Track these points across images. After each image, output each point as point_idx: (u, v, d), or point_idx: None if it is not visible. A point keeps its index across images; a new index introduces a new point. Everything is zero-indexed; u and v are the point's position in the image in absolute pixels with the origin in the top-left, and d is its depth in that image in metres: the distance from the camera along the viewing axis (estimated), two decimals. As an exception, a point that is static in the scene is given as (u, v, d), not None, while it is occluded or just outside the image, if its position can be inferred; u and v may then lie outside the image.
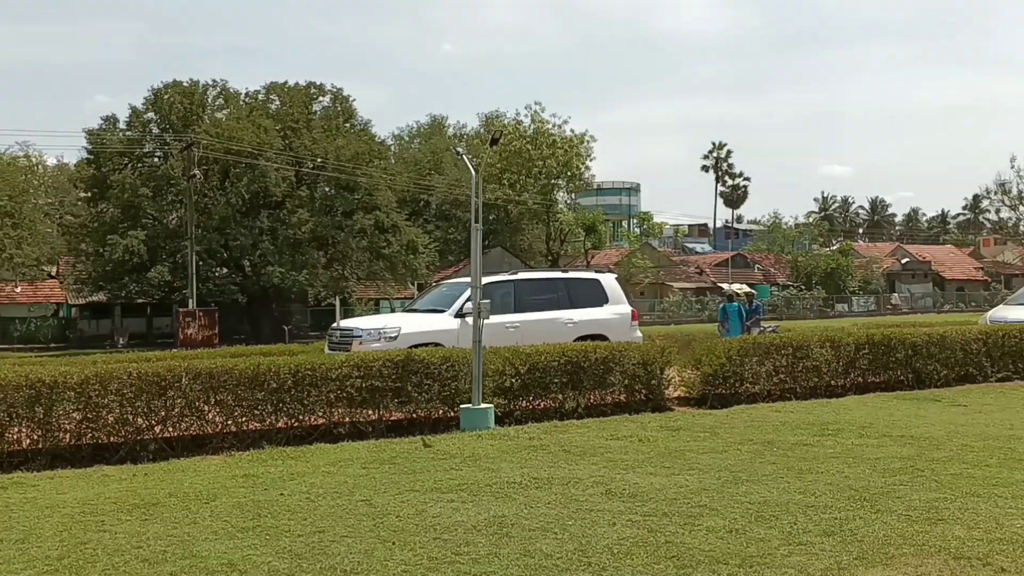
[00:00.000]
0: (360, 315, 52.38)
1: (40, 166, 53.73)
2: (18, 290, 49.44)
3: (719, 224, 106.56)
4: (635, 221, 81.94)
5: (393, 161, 55.19)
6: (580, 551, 5.49)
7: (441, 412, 10.98)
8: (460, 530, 6.00)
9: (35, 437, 9.11)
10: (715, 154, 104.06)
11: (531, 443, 9.36)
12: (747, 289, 26.14)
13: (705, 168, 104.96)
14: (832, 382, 13.53)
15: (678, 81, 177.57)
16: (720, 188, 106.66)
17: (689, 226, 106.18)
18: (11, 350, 40.19)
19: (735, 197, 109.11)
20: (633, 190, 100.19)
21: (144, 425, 9.49)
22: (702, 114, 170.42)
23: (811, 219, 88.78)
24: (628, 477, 7.57)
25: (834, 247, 76.64)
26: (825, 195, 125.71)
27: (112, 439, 9.39)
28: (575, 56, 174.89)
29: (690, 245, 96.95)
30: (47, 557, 5.60)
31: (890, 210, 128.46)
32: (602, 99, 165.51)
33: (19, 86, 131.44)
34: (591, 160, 61.07)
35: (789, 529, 5.91)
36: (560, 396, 11.55)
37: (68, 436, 9.19)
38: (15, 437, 9.05)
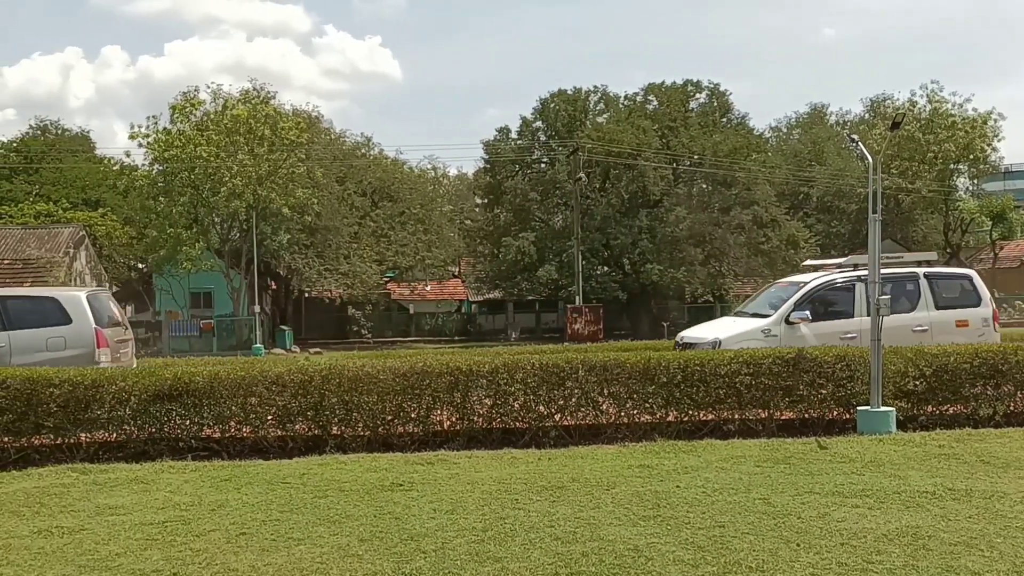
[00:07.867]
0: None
1: (444, 177, 59.89)
2: (428, 288, 55.85)
3: None
4: (1054, 207, 71.77)
5: (771, 154, 53.68)
6: (1016, 572, 4.95)
7: (835, 413, 10.50)
8: (869, 538, 5.69)
9: (454, 419, 10.16)
10: None
11: (941, 451, 8.62)
12: None
13: None
14: None
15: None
16: None
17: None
18: (422, 341, 45.35)
19: None
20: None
21: (545, 412, 10.18)
22: None
23: None
24: (1066, 495, 6.68)
25: None
26: None
27: (517, 424, 10.20)
28: (971, 27, 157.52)
29: None
30: (473, 528, 6.20)
31: None
32: (1008, 71, 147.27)
33: (425, 106, 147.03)
34: (998, 140, 54.65)
35: None
36: (973, 402, 10.50)
37: (481, 420, 10.13)
38: (438, 418, 10.16)
